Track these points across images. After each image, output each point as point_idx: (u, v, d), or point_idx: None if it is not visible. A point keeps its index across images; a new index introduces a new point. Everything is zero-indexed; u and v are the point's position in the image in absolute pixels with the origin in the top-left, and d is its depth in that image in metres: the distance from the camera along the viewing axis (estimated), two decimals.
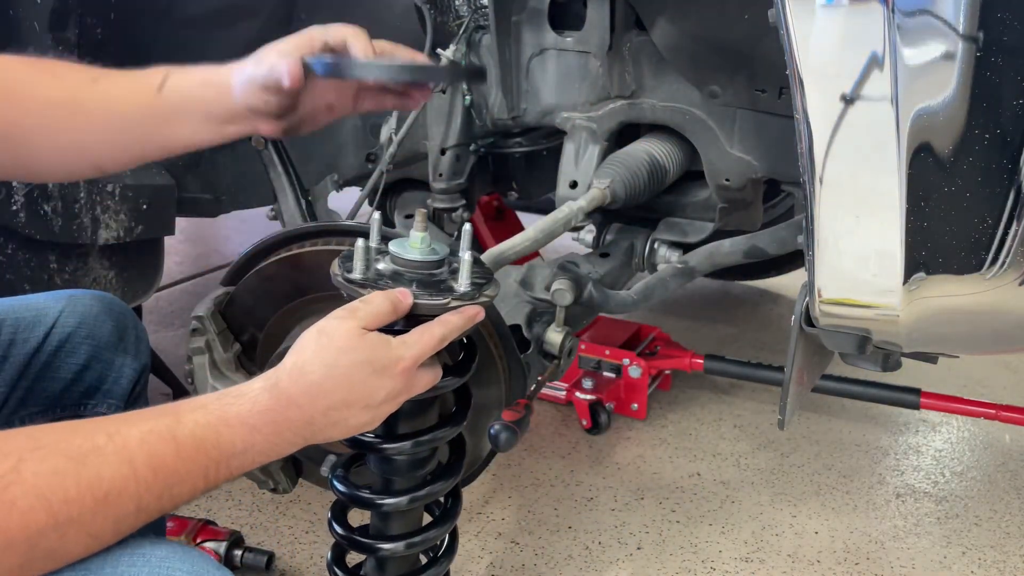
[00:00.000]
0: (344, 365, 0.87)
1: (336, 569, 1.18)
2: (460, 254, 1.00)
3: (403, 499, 1.09)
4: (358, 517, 1.19)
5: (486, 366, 1.27)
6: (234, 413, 0.83)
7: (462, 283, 0.98)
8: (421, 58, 1.13)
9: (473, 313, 0.98)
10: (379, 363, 0.89)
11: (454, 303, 0.96)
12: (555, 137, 1.88)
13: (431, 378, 0.97)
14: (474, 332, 1.21)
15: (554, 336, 1.43)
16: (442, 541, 1.21)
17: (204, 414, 0.82)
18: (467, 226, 1.05)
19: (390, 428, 1.05)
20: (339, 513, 1.17)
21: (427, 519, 1.20)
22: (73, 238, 1.64)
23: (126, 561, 0.76)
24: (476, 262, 1.04)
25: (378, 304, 0.92)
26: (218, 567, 0.80)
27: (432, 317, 0.95)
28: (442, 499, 1.20)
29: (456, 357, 1.09)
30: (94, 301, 1.20)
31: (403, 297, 0.94)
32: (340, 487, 1.12)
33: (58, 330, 1.14)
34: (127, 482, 0.74)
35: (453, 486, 1.16)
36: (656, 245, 1.78)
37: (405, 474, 1.10)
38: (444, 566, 1.20)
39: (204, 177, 1.95)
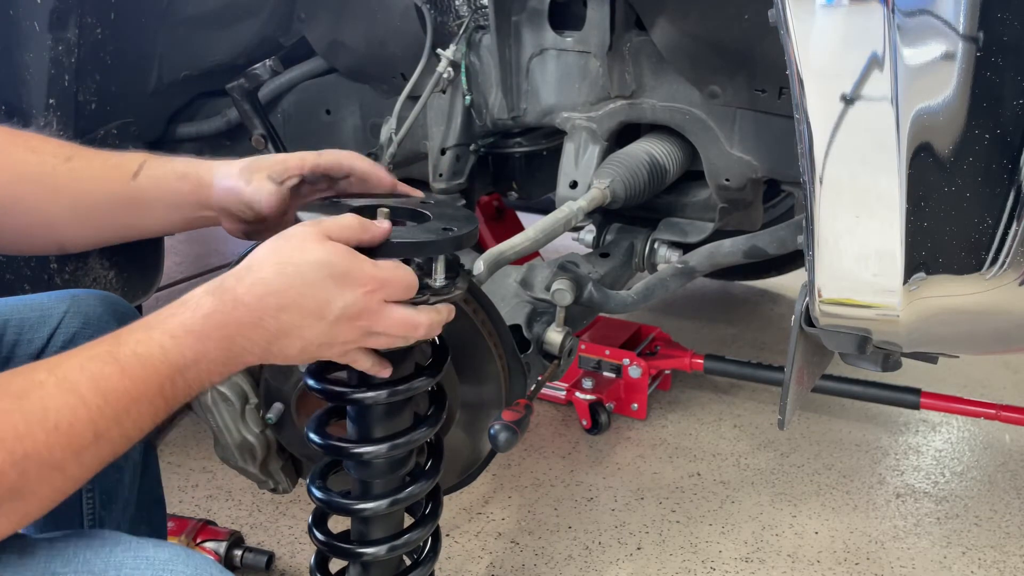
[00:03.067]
0: (296, 262, 0.82)
1: (319, 574, 1.18)
2: None
3: (383, 503, 1.08)
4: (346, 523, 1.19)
5: (485, 366, 1.27)
6: (177, 323, 0.80)
7: (438, 278, 0.96)
8: (402, 187, 1.11)
9: (447, 311, 0.95)
10: (338, 268, 0.83)
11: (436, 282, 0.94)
12: (555, 137, 1.88)
13: (404, 318, 0.88)
14: (473, 332, 1.21)
15: (554, 336, 1.43)
16: (425, 543, 1.21)
17: (145, 331, 0.80)
18: None
19: (366, 430, 1.05)
20: (319, 520, 1.16)
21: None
22: None
23: (129, 564, 0.75)
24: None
25: (347, 218, 0.87)
26: (221, 570, 0.79)
27: (407, 262, 0.91)
28: (422, 501, 1.19)
29: (428, 358, 1.09)
30: (98, 301, 1.19)
31: (380, 223, 0.89)
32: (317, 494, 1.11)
33: (63, 330, 1.14)
34: (76, 410, 0.73)
35: (432, 488, 1.16)
36: (656, 245, 1.78)
37: (382, 477, 1.09)
38: (428, 567, 1.20)
39: None
